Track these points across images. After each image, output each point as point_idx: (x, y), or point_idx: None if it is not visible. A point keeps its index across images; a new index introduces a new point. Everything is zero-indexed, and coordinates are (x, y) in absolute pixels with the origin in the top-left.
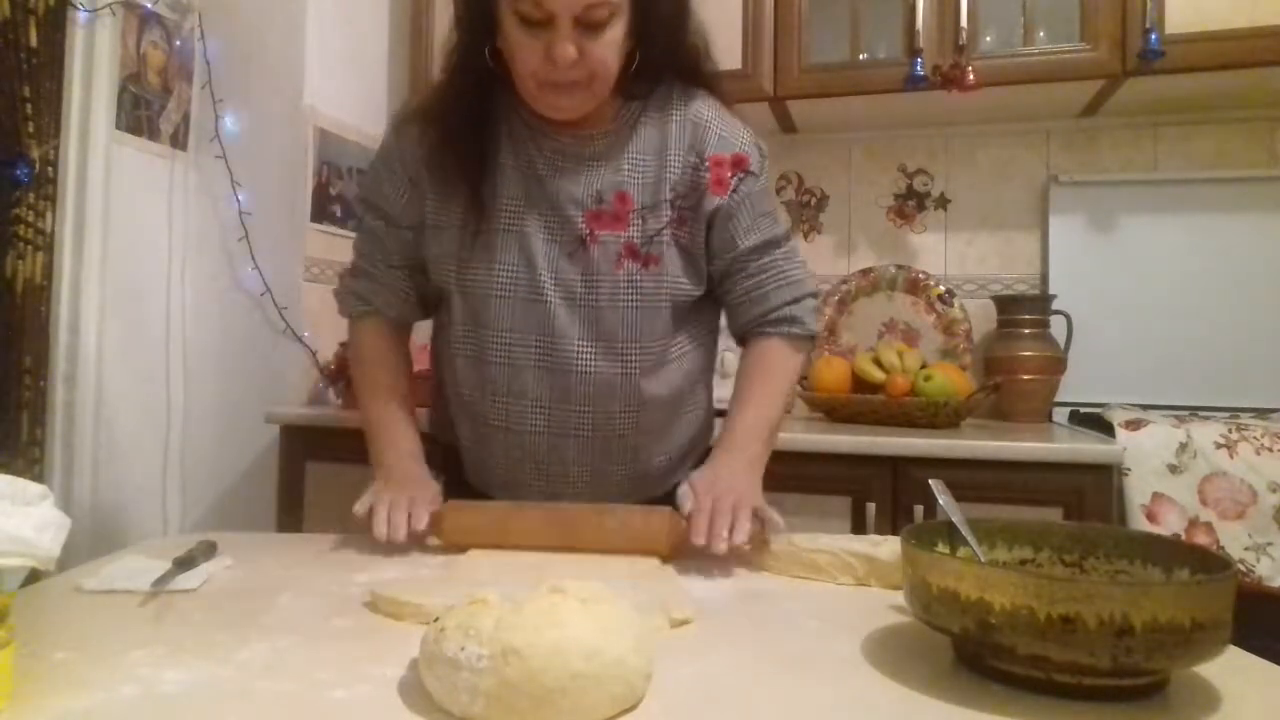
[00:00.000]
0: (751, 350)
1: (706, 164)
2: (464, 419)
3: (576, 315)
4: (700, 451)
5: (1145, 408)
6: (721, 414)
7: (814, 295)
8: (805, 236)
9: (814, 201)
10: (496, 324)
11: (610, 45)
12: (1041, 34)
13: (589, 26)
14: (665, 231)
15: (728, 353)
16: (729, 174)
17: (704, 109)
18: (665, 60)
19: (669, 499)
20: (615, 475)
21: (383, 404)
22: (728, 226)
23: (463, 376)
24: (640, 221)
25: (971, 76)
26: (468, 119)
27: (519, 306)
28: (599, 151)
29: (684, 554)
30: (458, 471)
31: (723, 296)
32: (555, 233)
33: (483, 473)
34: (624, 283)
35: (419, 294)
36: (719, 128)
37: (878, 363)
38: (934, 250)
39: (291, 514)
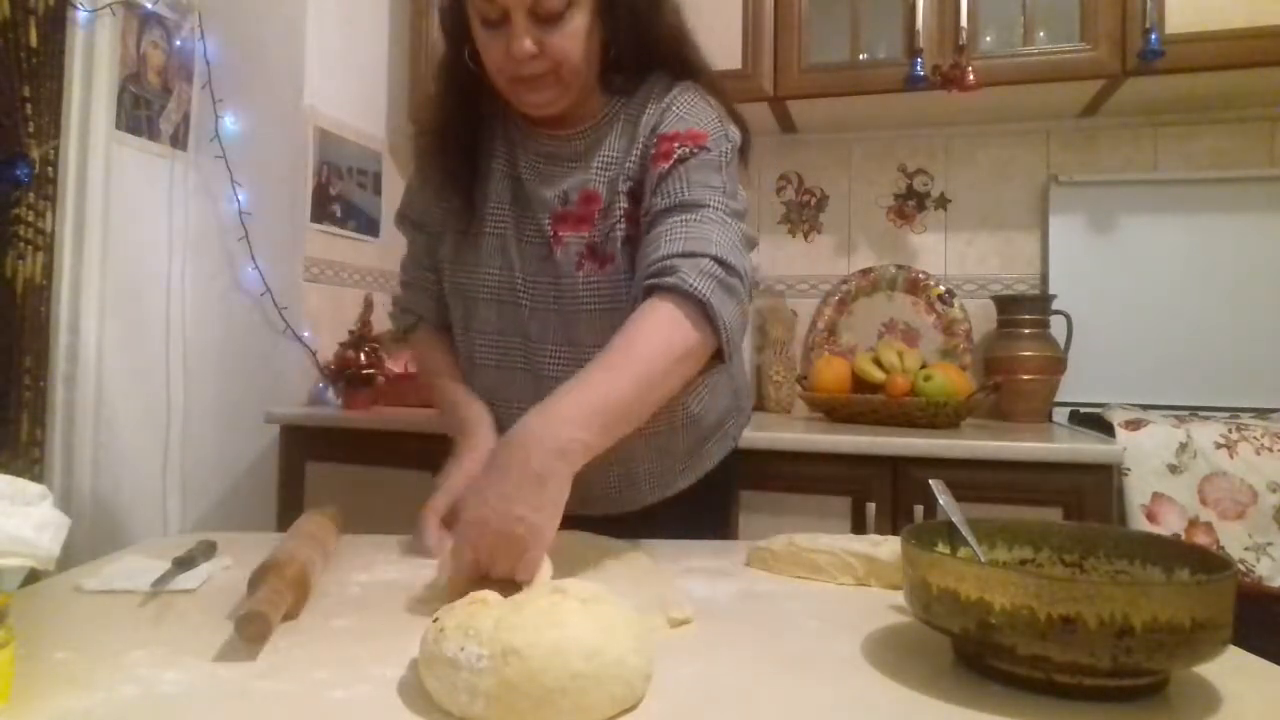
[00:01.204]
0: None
1: (655, 140)
2: None
3: (549, 319)
4: (694, 475)
5: (1145, 408)
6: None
7: (722, 262)
8: (805, 236)
9: (814, 201)
10: (484, 327)
11: (572, 36)
12: (1041, 34)
13: (545, 19)
14: (619, 227)
15: None
16: (676, 146)
17: (677, 95)
18: (640, 48)
19: (648, 517)
20: (596, 487)
21: (445, 385)
22: (654, 190)
23: (466, 377)
24: (602, 220)
25: (971, 76)
26: (457, 126)
27: (501, 310)
28: (577, 152)
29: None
30: None
31: None
32: (529, 236)
33: None
34: (583, 285)
35: None
36: (681, 109)
37: (878, 363)
38: (934, 250)
39: (291, 514)
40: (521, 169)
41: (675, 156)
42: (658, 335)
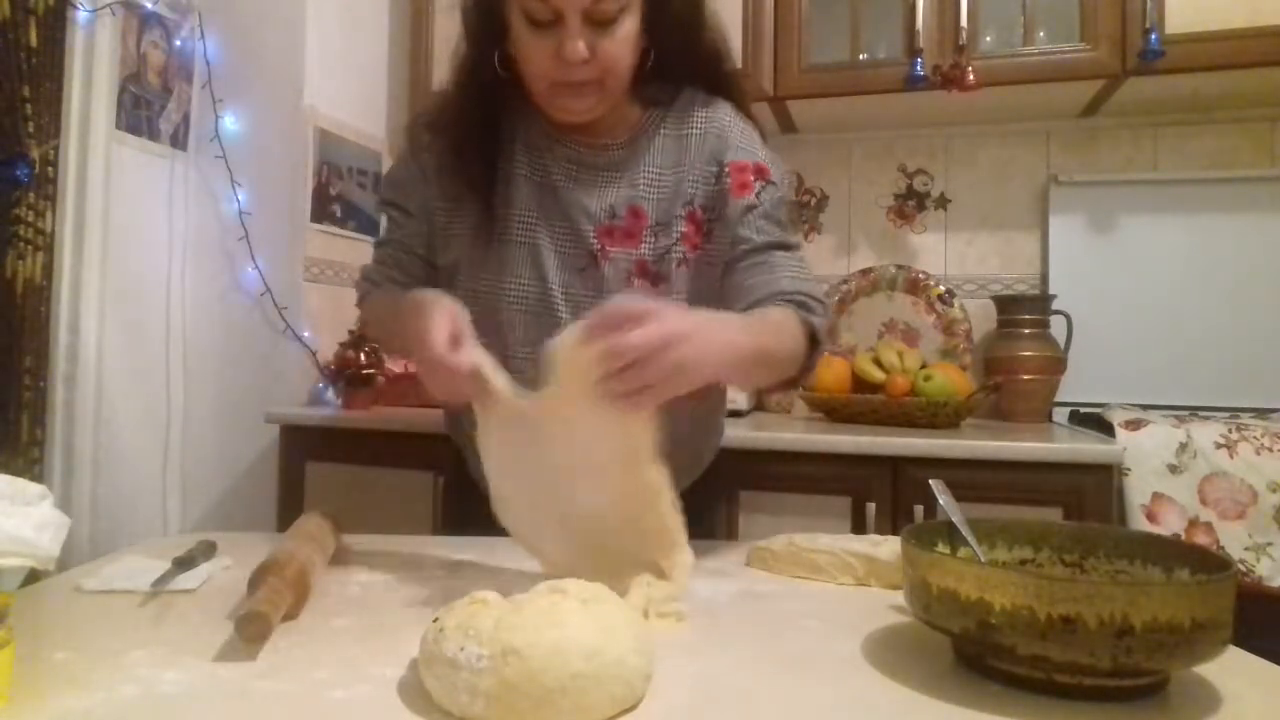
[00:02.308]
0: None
1: (727, 170)
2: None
3: None
4: (692, 476)
5: (1145, 408)
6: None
7: (826, 306)
8: (805, 236)
9: (814, 201)
10: (513, 337)
11: (623, 42)
12: (1041, 34)
13: (599, 23)
14: (676, 248)
15: None
16: (751, 178)
17: (724, 120)
18: (682, 60)
19: None
20: None
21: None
22: (743, 223)
23: None
24: (653, 239)
25: (971, 76)
26: (476, 129)
27: (531, 320)
28: (615, 162)
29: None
30: (463, 466)
31: (724, 289)
32: (567, 247)
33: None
34: None
35: (434, 281)
36: (738, 139)
37: (878, 363)
38: (934, 250)
39: (291, 514)
40: (554, 176)
41: (754, 190)
42: (794, 339)
